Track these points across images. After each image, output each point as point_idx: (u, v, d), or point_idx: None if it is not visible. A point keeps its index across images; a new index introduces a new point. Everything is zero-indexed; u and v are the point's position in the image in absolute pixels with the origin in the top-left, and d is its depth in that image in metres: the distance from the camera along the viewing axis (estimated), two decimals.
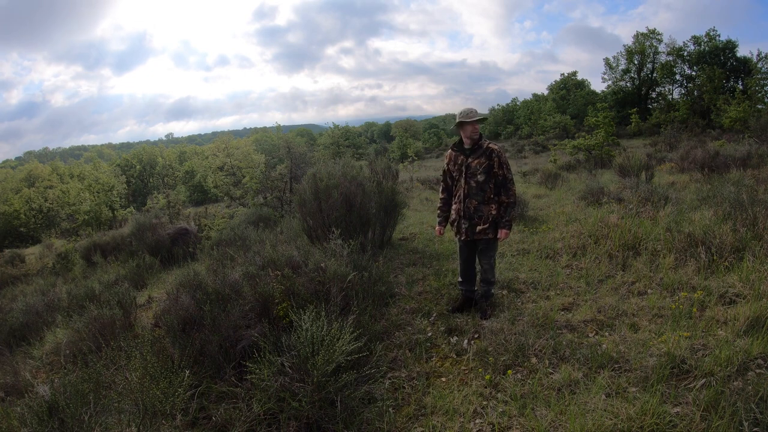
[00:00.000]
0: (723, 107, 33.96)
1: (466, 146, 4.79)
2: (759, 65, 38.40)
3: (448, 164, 4.96)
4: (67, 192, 32.92)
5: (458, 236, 4.91)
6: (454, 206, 4.92)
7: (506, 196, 4.70)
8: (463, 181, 4.77)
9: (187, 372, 3.41)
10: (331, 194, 6.85)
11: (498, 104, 65.53)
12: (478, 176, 4.68)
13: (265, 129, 71.65)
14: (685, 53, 45.03)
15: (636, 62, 48.57)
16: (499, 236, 4.73)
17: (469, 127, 4.68)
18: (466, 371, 3.84)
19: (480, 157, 4.69)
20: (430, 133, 66.67)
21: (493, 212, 4.70)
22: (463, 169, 4.77)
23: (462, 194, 4.77)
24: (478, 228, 4.73)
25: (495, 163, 4.66)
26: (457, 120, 4.70)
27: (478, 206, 4.72)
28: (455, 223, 4.90)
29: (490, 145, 4.72)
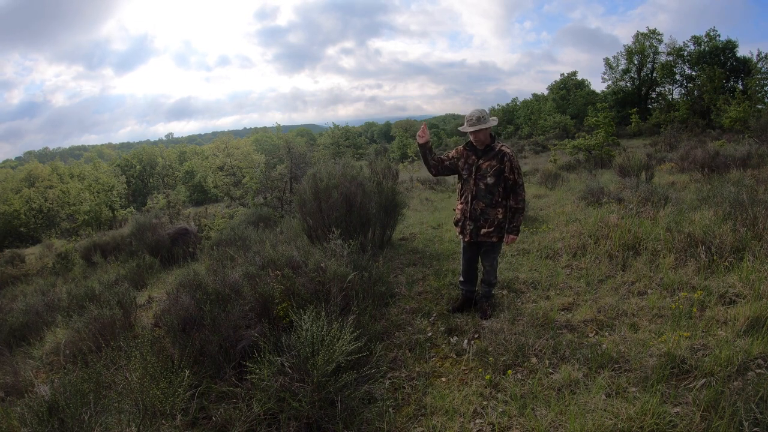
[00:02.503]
0: (723, 107, 33.96)
1: (479, 147, 4.67)
2: (759, 65, 38.42)
3: (454, 156, 4.81)
4: (67, 192, 32.95)
5: (462, 237, 4.86)
6: (459, 206, 4.81)
7: (515, 201, 4.60)
8: (472, 182, 4.65)
9: (187, 372, 3.40)
10: (331, 194, 6.85)
11: (498, 104, 65.51)
12: (488, 179, 4.57)
13: (265, 129, 71.64)
14: (685, 53, 45.05)
15: (636, 62, 48.58)
16: (506, 241, 4.67)
17: (472, 135, 4.59)
18: (466, 371, 3.84)
19: (491, 160, 4.57)
20: (430, 133, 66.49)
21: (500, 216, 4.62)
22: (473, 169, 4.64)
23: (470, 195, 4.67)
24: (483, 231, 4.66)
25: (506, 167, 4.54)
26: (465, 128, 4.57)
27: (485, 209, 4.62)
28: (459, 223, 4.83)
29: (503, 148, 4.60)
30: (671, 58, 45.97)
